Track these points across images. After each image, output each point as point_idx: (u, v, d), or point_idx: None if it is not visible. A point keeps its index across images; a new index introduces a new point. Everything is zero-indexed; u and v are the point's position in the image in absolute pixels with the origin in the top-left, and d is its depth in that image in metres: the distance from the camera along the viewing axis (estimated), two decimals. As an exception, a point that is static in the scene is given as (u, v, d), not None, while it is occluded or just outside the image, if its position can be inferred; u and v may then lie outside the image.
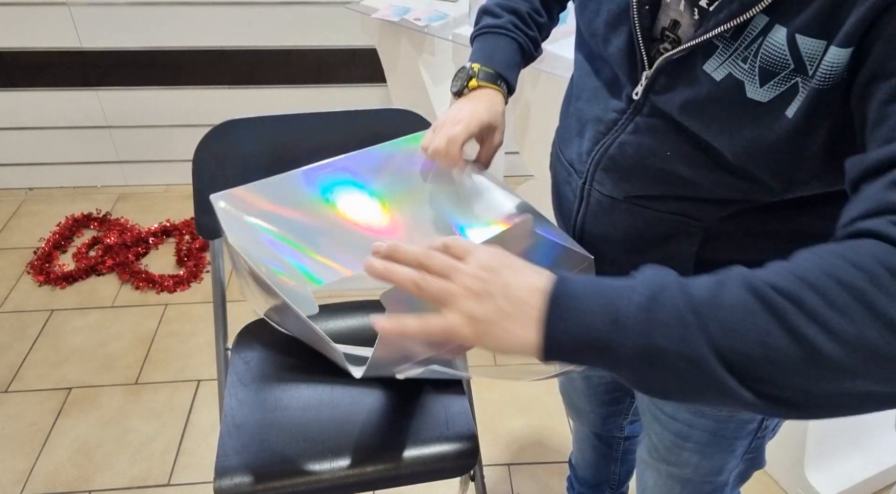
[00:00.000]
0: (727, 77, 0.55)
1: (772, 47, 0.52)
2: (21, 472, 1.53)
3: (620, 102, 0.67)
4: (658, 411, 0.84)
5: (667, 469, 0.89)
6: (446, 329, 0.50)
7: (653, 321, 0.44)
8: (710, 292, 0.44)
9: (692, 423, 0.81)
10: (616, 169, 0.68)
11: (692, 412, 0.80)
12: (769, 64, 0.53)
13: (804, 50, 0.51)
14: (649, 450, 0.92)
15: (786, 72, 0.52)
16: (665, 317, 0.44)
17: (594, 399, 1.08)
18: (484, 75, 0.82)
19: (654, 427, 0.87)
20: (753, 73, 0.54)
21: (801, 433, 1.40)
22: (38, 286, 2.07)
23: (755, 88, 0.54)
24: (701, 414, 0.79)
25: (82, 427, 1.63)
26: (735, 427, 0.80)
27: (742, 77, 0.54)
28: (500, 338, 0.48)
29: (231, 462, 0.93)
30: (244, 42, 2.27)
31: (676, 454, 0.86)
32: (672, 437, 0.84)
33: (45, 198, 2.48)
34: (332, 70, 2.32)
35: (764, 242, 0.66)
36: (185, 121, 2.42)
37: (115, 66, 2.29)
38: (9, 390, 1.73)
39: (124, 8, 2.18)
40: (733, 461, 0.84)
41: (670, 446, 0.86)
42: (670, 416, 0.83)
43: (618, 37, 0.65)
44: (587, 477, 1.30)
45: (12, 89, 2.30)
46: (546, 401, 1.72)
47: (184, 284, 2.08)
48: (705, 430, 0.81)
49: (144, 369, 1.80)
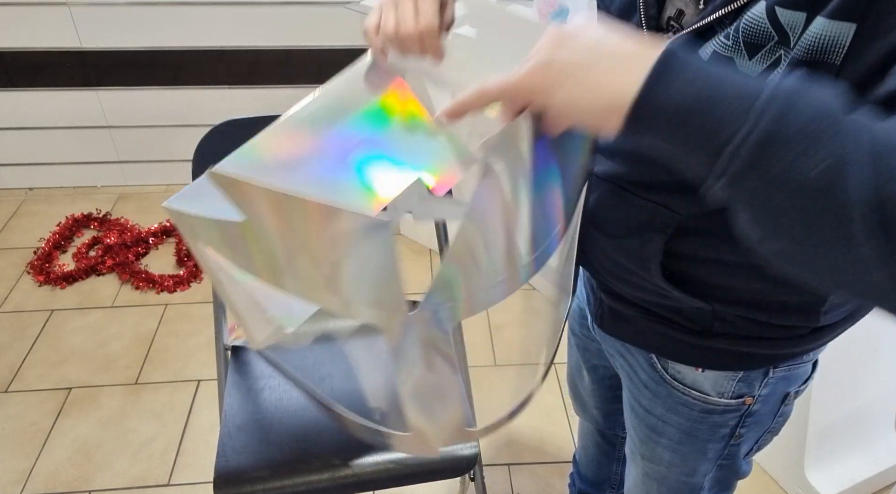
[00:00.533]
0: (712, 55, 0.54)
1: (752, 19, 0.51)
2: (21, 472, 1.53)
3: None
4: (636, 403, 0.85)
5: (643, 465, 0.90)
6: (513, 80, 0.44)
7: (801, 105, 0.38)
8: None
9: (666, 419, 0.81)
10: (612, 151, 0.68)
11: (666, 408, 0.80)
12: (752, 36, 0.51)
13: (784, 20, 0.49)
14: (629, 444, 0.93)
15: (771, 44, 0.51)
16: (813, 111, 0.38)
17: (598, 394, 1.08)
18: None
19: (632, 419, 0.88)
20: (738, 47, 0.52)
21: (801, 433, 1.40)
22: (38, 286, 2.07)
23: (744, 62, 0.53)
24: (674, 411, 0.80)
25: (82, 427, 1.63)
26: (708, 429, 0.80)
27: (728, 53, 0.53)
28: (587, 82, 0.43)
29: (231, 463, 0.93)
30: (244, 42, 2.27)
31: (651, 448, 0.86)
32: (647, 431, 0.85)
33: (45, 198, 2.48)
34: (332, 70, 2.32)
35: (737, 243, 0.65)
36: (185, 121, 2.42)
37: (115, 66, 2.29)
38: (9, 390, 1.73)
39: (124, 8, 2.18)
40: (706, 464, 0.85)
41: (645, 439, 0.86)
42: (646, 409, 0.83)
43: (626, 27, 0.65)
44: (589, 475, 1.30)
45: (12, 89, 2.30)
46: (546, 401, 1.72)
47: (184, 284, 2.08)
48: (678, 428, 0.81)
49: (144, 369, 1.80)
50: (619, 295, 0.75)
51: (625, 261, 0.70)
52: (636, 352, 0.81)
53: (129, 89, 2.34)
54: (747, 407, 0.78)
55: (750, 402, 0.77)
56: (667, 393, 0.79)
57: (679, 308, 0.71)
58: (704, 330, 0.71)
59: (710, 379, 0.75)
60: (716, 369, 0.74)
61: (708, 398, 0.77)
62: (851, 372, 1.35)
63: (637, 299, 0.74)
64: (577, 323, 1.00)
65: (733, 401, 0.77)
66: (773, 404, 0.79)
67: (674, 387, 0.78)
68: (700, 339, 0.72)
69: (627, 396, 0.87)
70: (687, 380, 0.77)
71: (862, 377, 1.39)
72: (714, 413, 0.78)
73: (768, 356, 0.73)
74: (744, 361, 0.73)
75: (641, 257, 0.68)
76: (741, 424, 0.80)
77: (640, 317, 0.75)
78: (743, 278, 0.65)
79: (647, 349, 0.79)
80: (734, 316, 0.69)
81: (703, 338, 0.71)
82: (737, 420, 0.79)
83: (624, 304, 0.76)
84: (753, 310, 0.68)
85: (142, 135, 2.44)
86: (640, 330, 0.76)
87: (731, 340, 0.71)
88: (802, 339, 0.71)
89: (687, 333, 0.72)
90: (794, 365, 0.76)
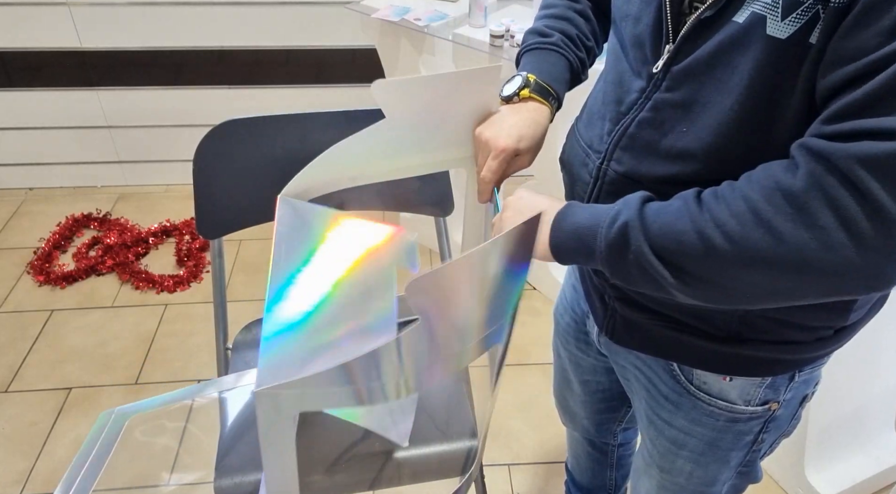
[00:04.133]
0: (750, 16, 0.56)
1: None
2: (21, 472, 1.53)
3: (642, 81, 0.67)
4: (655, 416, 0.84)
5: (660, 477, 0.89)
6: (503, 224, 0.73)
7: (614, 225, 0.62)
8: (663, 203, 0.62)
9: (689, 431, 0.81)
10: (633, 147, 0.68)
11: (689, 419, 0.80)
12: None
13: None
14: (644, 456, 0.91)
15: (809, 1, 0.52)
16: (620, 223, 0.62)
17: (590, 405, 1.08)
18: (536, 87, 0.81)
19: (650, 432, 0.87)
20: (777, 5, 0.54)
21: (801, 433, 1.40)
22: (38, 286, 2.07)
23: (776, 23, 0.54)
24: (698, 423, 0.79)
25: (82, 427, 1.63)
26: (732, 438, 0.79)
27: (764, 12, 0.55)
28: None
29: (231, 462, 0.93)
30: (244, 42, 2.27)
31: (671, 461, 0.85)
32: (667, 443, 0.84)
33: (45, 198, 2.48)
34: (332, 70, 2.32)
35: None
36: (185, 121, 2.42)
37: (115, 66, 2.29)
38: (9, 390, 1.73)
39: (124, 8, 2.18)
40: (727, 472, 0.84)
41: (664, 452, 0.85)
42: (666, 422, 0.83)
43: (648, 14, 0.66)
44: (584, 483, 1.29)
45: (12, 89, 2.30)
46: (546, 401, 1.72)
47: (184, 284, 2.08)
48: (701, 439, 0.80)
49: (144, 369, 1.80)
50: (638, 304, 0.75)
51: None
52: (654, 364, 0.80)
53: (129, 89, 2.34)
54: (772, 412, 0.77)
55: (775, 408, 0.77)
56: (690, 405, 0.79)
57: (704, 314, 0.70)
58: (730, 336, 0.70)
59: (736, 387, 0.75)
60: (744, 375, 0.74)
61: (734, 407, 0.76)
62: (851, 372, 1.35)
63: (657, 306, 0.73)
64: (573, 338, 1.00)
65: (759, 408, 0.76)
66: (793, 407, 0.79)
67: (698, 398, 0.77)
68: (726, 346, 0.71)
69: (645, 409, 0.86)
70: (713, 390, 0.76)
71: (862, 377, 1.39)
72: (739, 421, 0.77)
73: (795, 360, 0.73)
74: (771, 367, 0.73)
75: None
76: (764, 429, 0.79)
77: (659, 326, 0.74)
78: None
79: (669, 358, 0.77)
80: (762, 319, 0.68)
81: (730, 345, 0.71)
82: (761, 427, 0.79)
83: (640, 312, 0.75)
84: (785, 311, 0.67)
85: (142, 135, 2.44)
86: (659, 338, 0.75)
87: (758, 345, 0.70)
88: (827, 341, 0.71)
89: (712, 340, 0.71)
90: (816, 367, 0.76)
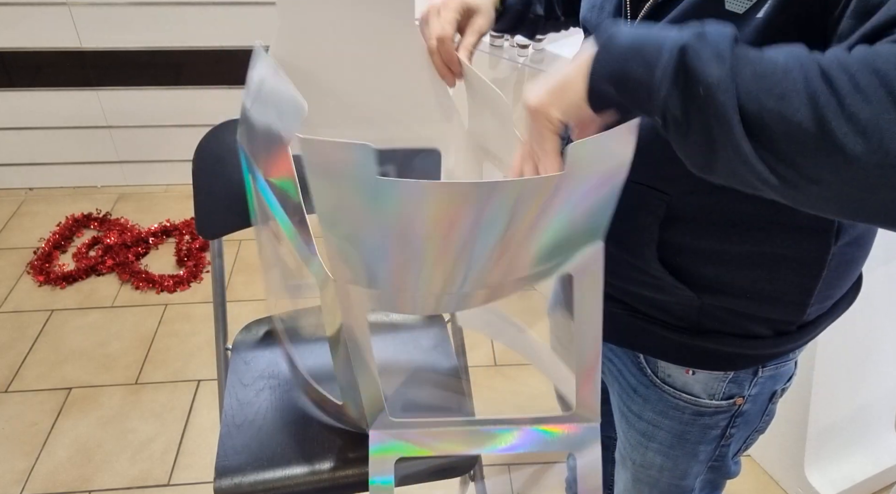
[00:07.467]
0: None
1: None
2: (21, 472, 1.53)
3: None
4: (625, 408, 0.85)
5: (633, 469, 0.90)
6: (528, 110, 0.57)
7: (695, 46, 0.45)
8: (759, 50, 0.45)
9: (657, 423, 0.81)
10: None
11: (657, 412, 0.80)
12: None
13: None
14: (619, 449, 0.92)
15: None
16: (707, 51, 0.45)
17: None
18: None
19: (622, 425, 0.88)
20: None
21: (801, 433, 1.40)
22: (38, 286, 2.07)
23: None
24: (665, 415, 0.80)
25: (82, 427, 1.63)
26: (698, 432, 0.80)
27: None
28: (563, 94, 0.54)
29: (231, 462, 0.93)
30: (244, 42, 2.27)
31: (641, 453, 0.86)
32: (638, 436, 0.85)
33: (45, 198, 2.48)
34: (332, 70, 2.32)
35: (733, 229, 0.65)
36: (185, 121, 2.42)
37: (115, 66, 2.29)
38: (9, 390, 1.73)
39: (124, 8, 2.18)
40: (697, 466, 0.85)
41: (635, 445, 0.86)
42: (636, 414, 0.83)
43: (610, 2, 0.66)
44: None
45: (12, 89, 2.30)
46: (546, 401, 1.72)
47: (184, 284, 2.08)
48: (669, 432, 0.81)
49: (144, 369, 1.80)
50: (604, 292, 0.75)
51: (614, 251, 0.69)
52: (623, 355, 0.81)
53: (128, 89, 2.34)
54: (738, 407, 0.78)
55: (741, 403, 0.77)
56: (657, 397, 0.79)
57: (665, 304, 0.71)
58: (691, 326, 0.71)
59: (700, 381, 0.75)
60: (704, 368, 0.74)
61: (699, 400, 0.77)
62: (851, 372, 1.35)
63: (621, 294, 0.73)
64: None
65: (724, 403, 0.77)
66: (762, 403, 0.79)
67: (664, 391, 0.78)
68: (687, 338, 0.72)
69: (616, 401, 0.87)
70: (677, 383, 0.77)
71: (862, 377, 1.39)
72: (705, 415, 0.78)
73: (756, 356, 0.73)
74: (732, 361, 0.73)
75: (635, 244, 0.68)
76: (731, 425, 0.80)
77: (624, 314, 0.75)
78: (732, 266, 0.66)
79: (633, 348, 0.78)
80: (721, 309, 0.69)
81: (691, 337, 0.71)
82: (727, 421, 0.79)
83: (607, 301, 0.75)
84: (743, 301, 0.67)
85: (142, 135, 2.44)
86: (624, 328, 0.76)
87: (719, 338, 0.71)
88: (789, 337, 0.71)
89: (673, 331, 0.72)
90: (781, 363, 0.76)
